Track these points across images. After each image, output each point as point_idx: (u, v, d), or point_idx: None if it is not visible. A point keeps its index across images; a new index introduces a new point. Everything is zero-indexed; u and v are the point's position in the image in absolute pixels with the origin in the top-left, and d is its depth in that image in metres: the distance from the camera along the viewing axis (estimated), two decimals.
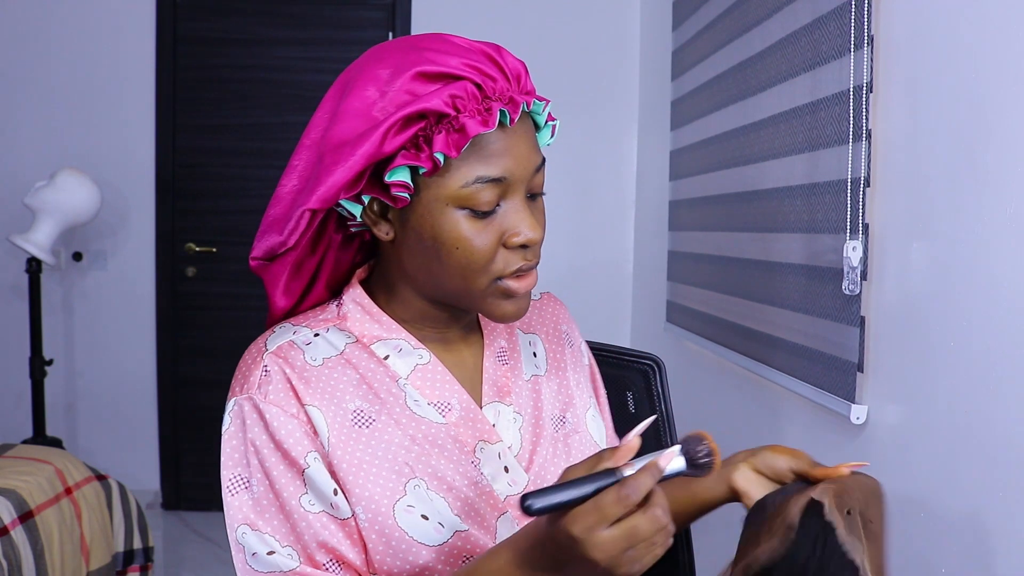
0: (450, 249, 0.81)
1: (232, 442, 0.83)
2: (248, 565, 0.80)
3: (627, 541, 0.65)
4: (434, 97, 0.76)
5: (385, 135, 0.77)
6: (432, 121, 0.77)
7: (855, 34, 1.48)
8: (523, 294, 0.84)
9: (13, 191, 3.16)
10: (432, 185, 0.80)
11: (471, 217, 0.80)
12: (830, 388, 1.57)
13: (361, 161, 0.78)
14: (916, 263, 1.35)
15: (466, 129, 0.77)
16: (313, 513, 0.80)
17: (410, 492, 0.82)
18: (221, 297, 3.41)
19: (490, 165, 0.79)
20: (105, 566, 2.15)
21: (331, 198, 0.80)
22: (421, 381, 0.87)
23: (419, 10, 3.35)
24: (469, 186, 0.79)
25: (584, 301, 2.68)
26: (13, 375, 3.22)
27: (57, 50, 3.27)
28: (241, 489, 0.81)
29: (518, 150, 0.81)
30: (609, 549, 0.65)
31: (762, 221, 1.93)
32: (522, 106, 0.80)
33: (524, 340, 0.98)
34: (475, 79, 0.78)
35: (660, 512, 0.66)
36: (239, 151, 3.37)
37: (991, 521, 1.15)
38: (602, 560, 0.65)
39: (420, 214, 0.81)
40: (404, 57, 0.80)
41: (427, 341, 0.90)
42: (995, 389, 1.15)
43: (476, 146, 0.79)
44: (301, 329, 0.87)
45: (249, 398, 0.82)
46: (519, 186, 0.82)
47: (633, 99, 3.42)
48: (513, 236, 0.82)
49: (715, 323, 2.28)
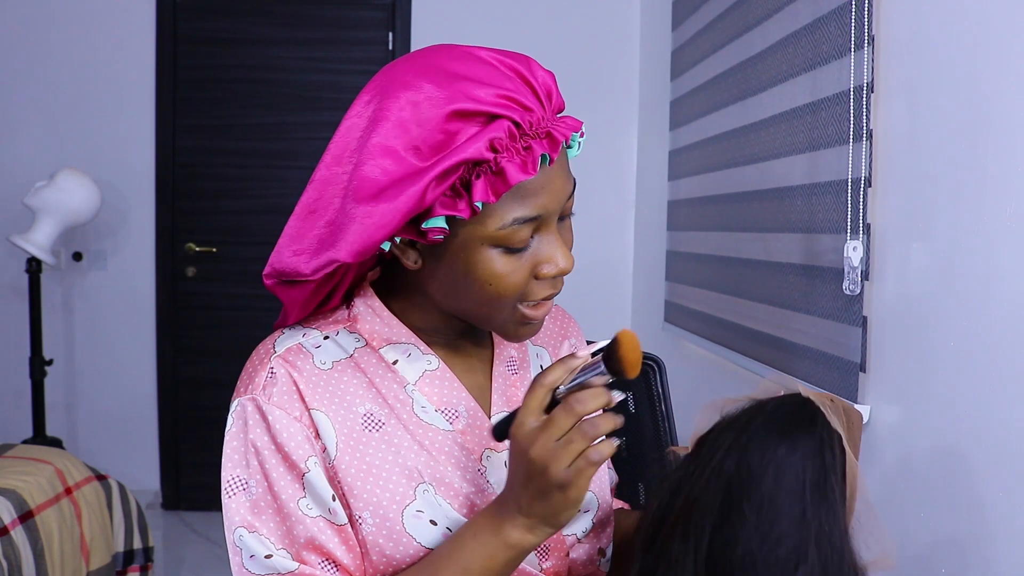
0: (483, 285, 0.79)
1: (233, 443, 0.83)
2: (245, 567, 0.80)
3: (548, 431, 0.73)
4: (471, 144, 0.73)
5: (424, 191, 0.73)
6: (470, 165, 0.74)
7: (855, 34, 1.48)
8: (540, 320, 0.85)
9: (13, 191, 3.16)
10: (468, 225, 0.77)
11: (505, 254, 0.79)
12: (832, 388, 1.57)
13: (399, 219, 0.74)
14: (917, 263, 1.35)
15: (506, 174, 0.74)
16: (311, 517, 0.80)
17: (419, 497, 0.82)
18: (221, 297, 3.41)
19: (527, 206, 0.77)
20: (105, 566, 2.15)
21: (365, 252, 0.76)
22: (429, 387, 0.87)
23: (419, 10, 3.35)
24: (506, 228, 0.77)
25: (584, 301, 2.67)
26: (13, 375, 3.22)
27: (57, 50, 3.27)
28: (239, 491, 0.81)
29: (553, 186, 0.79)
30: (539, 443, 0.73)
31: (762, 221, 1.93)
32: (561, 145, 0.78)
33: (532, 351, 0.98)
34: (513, 116, 0.74)
35: (575, 404, 0.73)
36: (239, 151, 3.37)
37: (991, 521, 1.15)
38: (537, 457, 0.73)
39: (454, 251, 0.79)
40: (437, 88, 0.75)
41: (437, 347, 0.89)
42: (996, 389, 1.15)
43: (512, 189, 0.76)
44: (311, 331, 0.86)
45: (253, 399, 0.82)
46: (553, 219, 0.81)
47: (633, 99, 3.42)
48: (546, 266, 0.81)
49: (715, 323, 2.28)
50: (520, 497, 0.75)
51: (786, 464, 0.74)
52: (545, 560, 0.88)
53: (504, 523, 0.76)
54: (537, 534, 0.76)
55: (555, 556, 0.89)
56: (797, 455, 0.75)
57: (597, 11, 3.40)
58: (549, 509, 0.74)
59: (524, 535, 0.76)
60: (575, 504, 0.74)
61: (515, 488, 0.76)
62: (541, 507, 0.74)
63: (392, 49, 3.36)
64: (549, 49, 3.31)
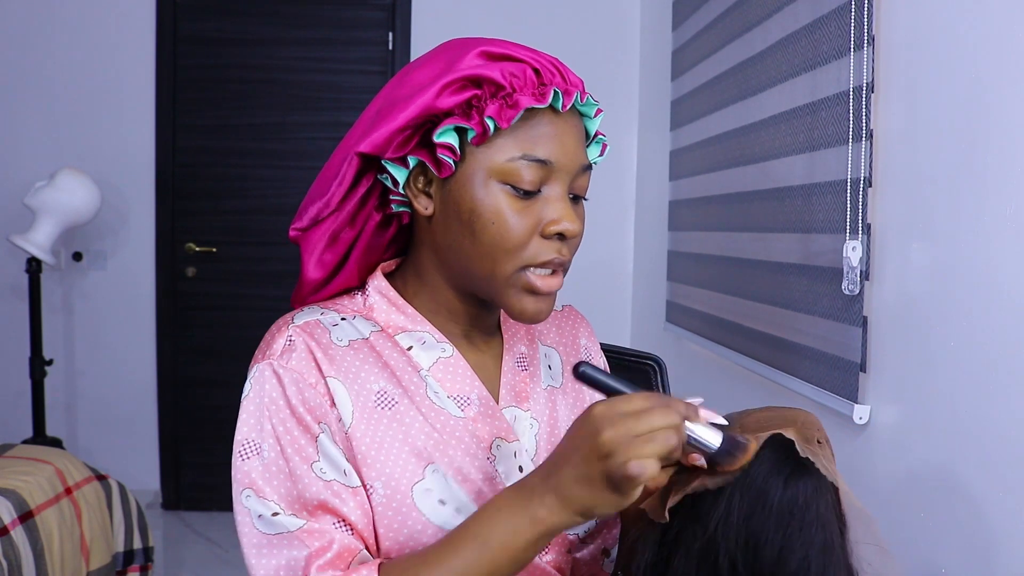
0: (486, 223, 0.81)
1: (249, 407, 0.83)
2: (255, 527, 0.79)
3: (635, 421, 0.67)
4: (494, 69, 0.79)
5: (441, 90, 0.79)
6: (488, 92, 0.80)
7: (855, 34, 1.48)
8: (546, 293, 0.84)
9: (13, 191, 3.16)
10: (478, 155, 0.81)
11: (512, 195, 0.81)
12: (832, 388, 1.57)
13: (415, 111, 0.80)
14: (917, 263, 1.35)
15: (518, 101, 0.79)
16: (324, 480, 0.80)
17: (428, 476, 0.82)
18: (221, 297, 3.40)
19: (537, 146, 0.81)
20: (105, 566, 2.15)
21: (381, 144, 0.82)
22: (442, 374, 0.87)
23: (419, 10, 3.35)
24: (515, 161, 0.80)
25: (584, 301, 2.67)
26: (13, 375, 3.22)
27: (57, 50, 3.27)
28: (253, 454, 0.81)
29: (566, 139, 0.82)
30: (619, 427, 0.66)
31: (762, 221, 1.93)
32: (575, 98, 0.82)
33: (542, 351, 0.98)
34: (535, 65, 0.81)
35: (675, 415, 0.68)
36: (239, 151, 3.37)
37: (991, 521, 1.15)
38: (605, 442, 0.67)
39: (462, 184, 0.82)
40: (472, 41, 0.83)
41: (451, 336, 0.90)
42: (996, 389, 1.15)
43: (526, 125, 0.81)
44: (328, 312, 0.88)
45: (270, 364, 0.82)
46: (563, 176, 0.83)
47: (633, 99, 3.42)
48: (552, 224, 0.82)
49: (715, 323, 2.28)
50: (564, 474, 0.70)
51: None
52: (547, 554, 0.88)
53: (533, 498, 0.72)
54: (565, 516, 0.71)
55: (556, 551, 0.89)
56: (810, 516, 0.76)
57: (597, 11, 3.40)
58: (587, 499, 0.69)
59: (551, 514, 0.71)
60: (614, 505, 0.69)
61: (562, 464, 0.71)
62: (581, 493, 0.70)
63: (392, 49, 3.36)
64: (549, 49, 3.27)
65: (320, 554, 0.77)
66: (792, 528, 0.74)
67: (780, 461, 0.77)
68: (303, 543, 0.77)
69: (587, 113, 0.86)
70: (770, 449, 0.77)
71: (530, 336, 0.98)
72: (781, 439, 0.78)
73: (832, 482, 0.77)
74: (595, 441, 0.67)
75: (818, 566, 0.74)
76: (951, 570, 1.23)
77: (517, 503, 0.73)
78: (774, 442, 0.77)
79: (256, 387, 0.83)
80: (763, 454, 0.77)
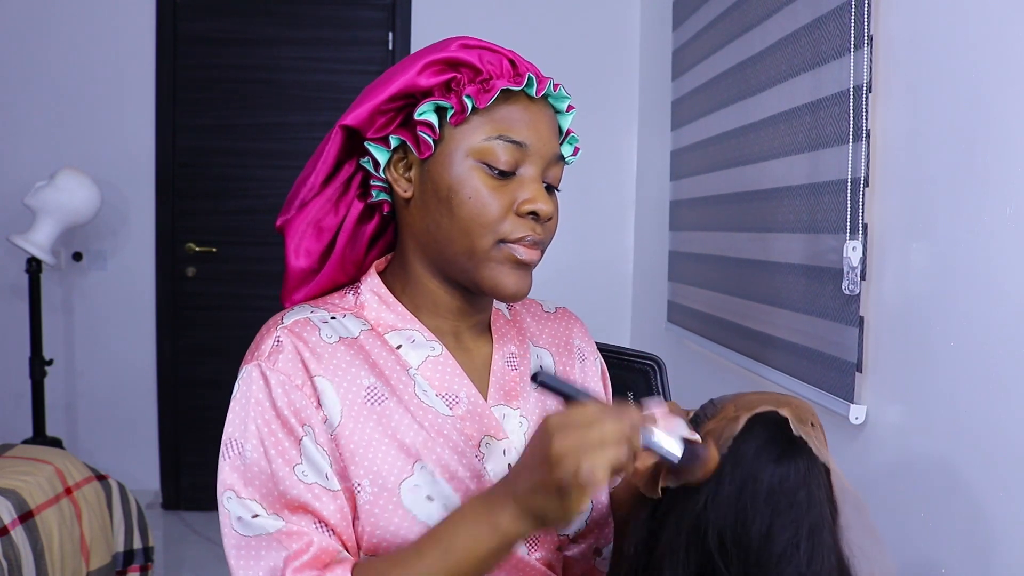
0: (463, 199, 0.84)
1: (236, 408, 0.84)
2: (234, 529, 0.80)
3: (587, 429, 0.67)
4: (473, 54, 0.84)
5: (423, 69, 0.84)
6: (466, 77, 0.85)
7: (855, 34, 1.48)
8: (526, 263, 0.86)
9: (13, 191, 3.16)
10: (456, 135, 0.85)
11: (488, 174, 0.85)
12: (829, 388, 1.57)
13: (397, 87, 0.84)
14: (916, 263, 1.35)
15: (494, 83, 0.84)
16: (305, 483, 0.80)
17: (417, 472, 0.82)
18: (221, 297, 3.41)
19: (512, 128, 0.85)
20: (105, 566, 2.15)
21: (365, 119, 0.87)
22: (431, 372, 0.88)
23: (419, 10, 3.35)
24: (491, 141, 0.84)
25: (584, 301, 2.67)
26: (13, 375, 3.22)
27: (57, 50, 3.27)
28: (234, 454, 0.82)
29: (540, 125, 0.87)
30: (571, 436, 0.67)
31: (762, 221, 1.93)
32: (548, 87, 0.87)
33: (533, 352, 0.99)
34: (511, 56, 0.86)
35: (627, 425, 0.69)
36: (239, 151, 3.37)
37: (991, 521, 1.15)
38: (556, 450, 0.67)
39: (441, 163, 0.86)
40: (455, 37, 0.87)
41: (440, 335, 0.91)
42: (995, 389, 1.15)
43: (502, 108, 0.85)
44: (319, 310, 0.90)
45: (257, 366, 0.83)
46: (537, 160, 0.86)
47: (633, 99, 3.42)
48: (526, 203, 0.85)
49: (715, 323, 2.28)
50: (521, 483, 0.72)
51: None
52: (535, 551, 0.89)
53: (495, 506, 0.73)
54: (524, 524, 0.73)
55: (544, 548, 0.89)
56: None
57: (597, 11, 3.40)
58: (542, 507, 0.71)
59: (513, 522, 0.72)
60: (565, 512, 0.70)
61: (521, 472, 0.72)
62: (536, 501, 0.71)
63: (392, 49, 3.36)
64: (549, 49, 3.31)
65: (298, 556, 0.78)
66: (782, 506, 0.75)
67: (772, 440, 0.77)
68: (281, 545, 0.78)
69: (559, 108, 0.90)
70: (762, 427, 0.77)
71: (521, 336, 0.98)
72: (775, 417, 0.78)
73: (824, 464, 0.77)
74: (548, 450, 0.68)
75: (807, 547, 0.74)
76: (950, 570, 1.23)
77: (481, 511, 0.75)
78: (767, 420, 0.78)
79: (243, 388, 0.83)
80: (755, 431, 0.77)
